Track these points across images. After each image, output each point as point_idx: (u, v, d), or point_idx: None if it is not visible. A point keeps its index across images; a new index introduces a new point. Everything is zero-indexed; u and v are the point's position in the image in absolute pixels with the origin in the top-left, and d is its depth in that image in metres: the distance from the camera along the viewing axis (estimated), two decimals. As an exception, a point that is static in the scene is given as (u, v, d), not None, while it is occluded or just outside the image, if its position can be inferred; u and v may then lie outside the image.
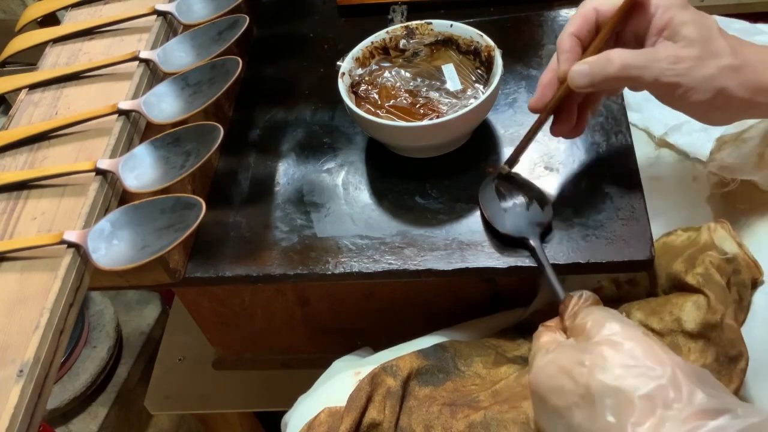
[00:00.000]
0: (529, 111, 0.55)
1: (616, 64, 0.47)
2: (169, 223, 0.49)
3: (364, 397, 0.52)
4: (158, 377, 0.88)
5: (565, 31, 0.51)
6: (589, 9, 0.50)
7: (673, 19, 0.46)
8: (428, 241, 0.58)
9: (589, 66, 0.49)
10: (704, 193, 0.66)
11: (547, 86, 0.53)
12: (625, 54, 0.48)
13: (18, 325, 0.44)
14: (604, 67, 0.48)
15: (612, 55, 0.48)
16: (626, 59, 0.47)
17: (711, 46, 0.46)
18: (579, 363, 0.39)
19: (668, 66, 0.46)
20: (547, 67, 0.54)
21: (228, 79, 0.56)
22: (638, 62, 0.47)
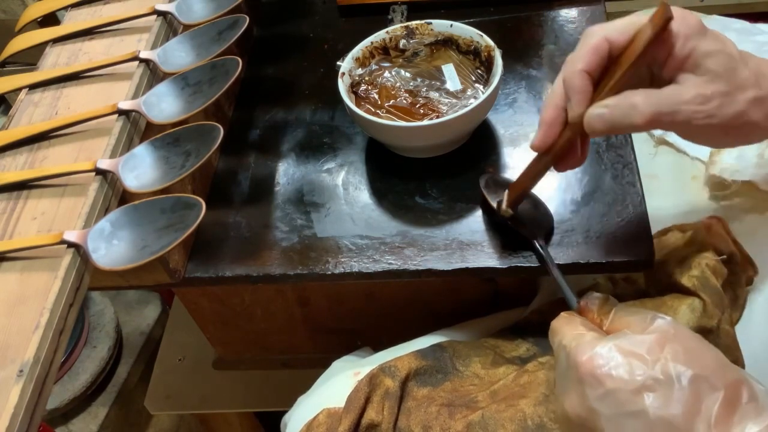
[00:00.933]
0: (533, 150, 0.50)
1: (644, 112, 0.42)
2: (169, 223, 0.49)
3: (362, 398, 0.52)
4: (158, 377, 0.88)
5: (573, 67, 0.45)
6: (600, 40, 0.44)
7: (695, 50, 0.42)
8: (428, 241, 0.58)
9: (609, 111, 0.44)
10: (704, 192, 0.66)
11: (552, 125, 0.47)
12: (650, 99, 0.43)
13: (18, 325, 0.44)
14: (629, 115, 0.43)
15: (636, 101, 0.43)
16: (655, 105, 0.42)
17: (737, 78, 0.42)
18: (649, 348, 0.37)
19: (697, 108, 0.42)
20: (548, 103, 0.48)
21: (228, 79, 0.56)
22: (666, 108, 0.42)
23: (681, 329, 0.39)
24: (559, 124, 0.47)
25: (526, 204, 0.56)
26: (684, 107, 0.42)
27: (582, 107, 0.45)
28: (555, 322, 0.43)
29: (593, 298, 0.44)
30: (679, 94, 0.43)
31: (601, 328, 0.42)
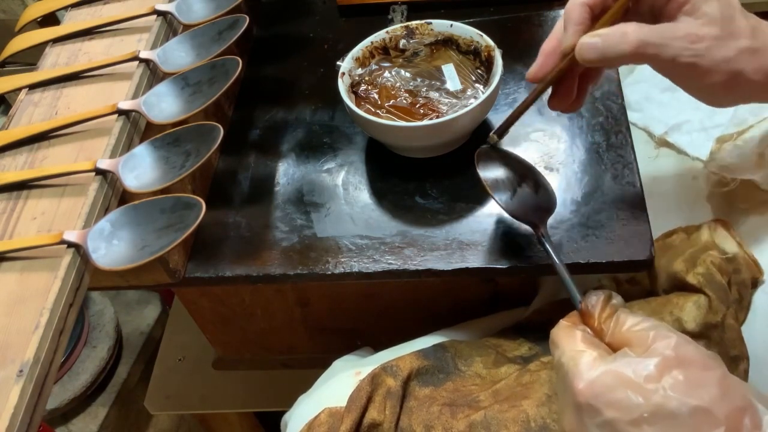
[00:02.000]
0: (528, 80, 0.51)
1: (631, 40, 0.43)
2: (169, 223, 0.49)
3: (364, 398, 0.52)
4: (158, 377, 0.88)
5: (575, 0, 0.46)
6: None
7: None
8: (428, 241, 0.58)
9: (601, 39, 0.44)
10: (704, 192, 0.66)
11: (550, 55, 0.49)
12: (642, 29, 0.43)
13: (18, 325, 0.44)
14: (618, 43, 0.44)
15: (627, 30, 0.44)
16: (643, 35, 0.43)
17: (731, 26, 0.43)
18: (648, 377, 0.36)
19: (687, 45, 0.43)
20: (551, 34, 0.50)
21: (228, 79, 0.56)
22: (656, 39, 0.43)
23: (683, 349, 0.37)
24: (557, 55, 0.49)
25: (528, 189, 0.54)
26: (673, 42, 0.43)
27: (575, 37, 0.46)
28: (554, 333, 0.42)
29: (594, 300, 0.42)
30: (671, 29, 0.43)
31: (602, 337, 0.41)
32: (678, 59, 0.43)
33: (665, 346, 0.37)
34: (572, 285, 0.45)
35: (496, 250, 0.56)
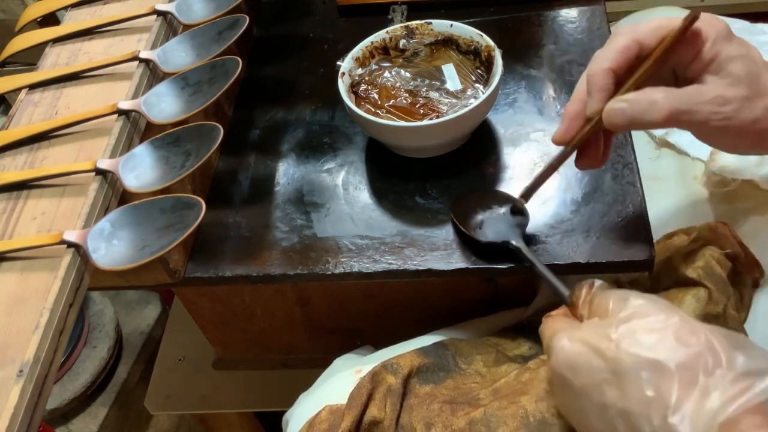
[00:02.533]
0: (554, 143, 0.50)
1: (662, 108, 0.42)
2: (169, 223, 0.49)
3: (364, 395, 0.52)
4: (158, 377, 0.88)
5: (599, 64, 0.45)
6: (630, 41, 0.44)
7: (720, 54, 0.43)
8: (428, 241, 0.58)
9: (629, 105, 0.44)
10: (704, 193, 0.66)
11: (574, 119, 0.48)
12: (671, 96, 0.43)
13: (18, 325, 0.44)
14: (648, 111, 0.43)
15: (657, 97, 0.43)
16: (674, 103, 0.42)
17: (758, 84, 0.43)
18: (606, 337, 0.38)
19: (716, 109, 0.42)
20: (573, 98, 0.48)
21: (228, 79, 0.56)
22: (686, 106, 0.42)
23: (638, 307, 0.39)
24: (582, 119, 0.48)
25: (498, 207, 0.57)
26: (703, 107, 0.42)
27: (600, 104, 0.45)
28: (541, 327, 0.45)
29: (579, 286, 0.44)
30: (699, 93, 0.43)
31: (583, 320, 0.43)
32: (708, 124, 0.43)
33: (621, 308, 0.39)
34: (558, 284, 0.47)
35: (496, 250, 0.56)
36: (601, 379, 0.37)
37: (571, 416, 0.42)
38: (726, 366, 0.35)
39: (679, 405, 0.34)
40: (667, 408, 0.34)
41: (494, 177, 0.62)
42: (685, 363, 0.35)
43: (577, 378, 0.39)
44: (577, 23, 0.74)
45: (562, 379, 0.40)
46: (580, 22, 0.74)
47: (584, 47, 0.71)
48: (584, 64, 0.69)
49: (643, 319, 0.38)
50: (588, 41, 0.72)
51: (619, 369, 0.36)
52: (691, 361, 0.35)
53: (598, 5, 0.75)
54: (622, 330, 0.37)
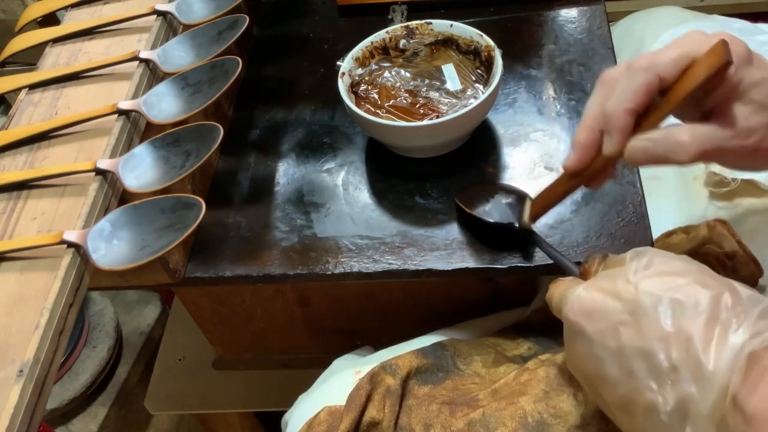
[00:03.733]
0: (564, 170, 0.48)
1: (690, 150, 0.41)
2: (169, 223, 0.49)
3: (363, 396, 0.53)
4: (158, 377, 0.88)
5: (620, 104, 0.42)
6: (653, 78, 0.42)
7: (743, 80, 0.41)
8: (428, 241, 0.58)
9: (653, 145, 0.42)
10: (704, 193, 0.66)
11: (587, 148, 0.45)
12: (697, 136, 0.41)
13: (18, 325, 0.44)
14: (674, 152, 0.41)
15: (683, 139, 0.41)
16: (701, 143, 0.41)
17: None
18: (624, 280, 0.37)
19: (742, 142, 0.41)
20: (584, 124, 0.45)
21: (228, 79, 0.56)
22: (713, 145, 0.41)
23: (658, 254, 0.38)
24: (594, 148, 0.45)
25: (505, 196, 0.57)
26: (729, 142, 0.41)
27: (620, 145, 0.43)
28: (548, 293, 0.44)
29: (590, 258, 0.44)
30: (725, 130, 0.41)
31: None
32: (734, 156, 0.42)
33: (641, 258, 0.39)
34: (566, 261, 0.48)
35: (496, 250, 0.56)
36: (617, 321, 0.37)
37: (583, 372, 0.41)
38: (747, 303, 0.34)
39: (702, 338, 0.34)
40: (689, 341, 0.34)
41: (494, 177, 0.62)
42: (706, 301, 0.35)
43: (591, 324, 0.38)
44: (577, 23, 0.74)
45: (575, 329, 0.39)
46: (580, 22, 0.74)
47: (584, 47, 0.71)
48: (584, 65, 0.69)
49: (662, 265, 0.37)
50: (588, 41, 0.72)
51: (638, 309, 0.36)
52: (711, 299, 0.35)
53: (598, 5, 0.75)
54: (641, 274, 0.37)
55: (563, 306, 0.41)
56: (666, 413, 0.35)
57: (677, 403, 0.34)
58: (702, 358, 0.33)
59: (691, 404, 0.34)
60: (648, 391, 0.35)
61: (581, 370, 0.41)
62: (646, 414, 0.36)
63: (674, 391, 0.34)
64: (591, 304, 0.39)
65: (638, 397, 0.36)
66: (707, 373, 0.33)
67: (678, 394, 0.34)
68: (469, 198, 0.58)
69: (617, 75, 0.43)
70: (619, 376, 0.37)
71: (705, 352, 0.34)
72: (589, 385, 0.41)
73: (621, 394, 0.37)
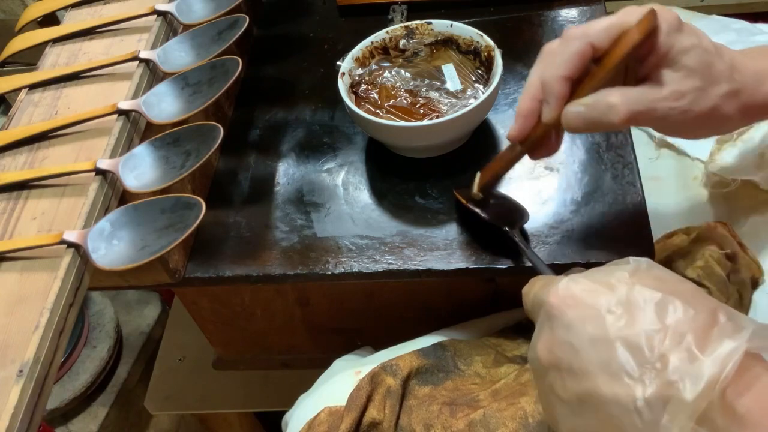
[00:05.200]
0: (508, 140, 0.50)
1: (621, 111, 0.43)
2: (169, 223, 0.49)
3: (364, 397, 0.53)
4: (158, 377, 0.88)
5: (555, 71, 0.45)
6: (585, 46, 0.44)
7: (673, 47, 0.43)
8: (428, 241, 0.58)
9: (586, 109, 0.44)
10: (704, 193, 0.66)
11: (528, 116, 0.48)
12: (628, 98, 0.43)
13: (18, 325, 0.44)
14: (606, 114, 0.43)
15: (613, 100, 0.43)
16: (632, 104, 0.43)
17: (711, 73, 0.43)
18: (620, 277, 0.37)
19: (673, 104, 0.43)
20: (525, 95, 0.48)
21: (228, 79, 0.56)
22: (643, 106, 0.43)
23: (655, 265, 0.38)
24: (535, 116, 0.48)
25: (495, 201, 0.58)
26: (660, 104, 0.43)
27: (557, 111, 0.45)
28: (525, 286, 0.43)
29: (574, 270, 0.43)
30: (655, 91, 0.43)
31: None
32: (666, 119, 0.43)
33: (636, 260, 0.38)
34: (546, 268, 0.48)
35: (496, 250, 0.56)
36: (604, 309, 0.36)
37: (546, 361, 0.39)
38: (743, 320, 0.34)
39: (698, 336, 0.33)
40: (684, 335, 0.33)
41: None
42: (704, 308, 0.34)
43: (574, 310, 0.37)
44: (577, 23, 0.74)
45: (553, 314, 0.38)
46: (580, 22, 0.74)
47: (584, 47, 0.71)
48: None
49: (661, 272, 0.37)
50: (588, 41, 0.72)
51: (632, 303, 0.35)
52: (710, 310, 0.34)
53: (598, 5, 0.75)
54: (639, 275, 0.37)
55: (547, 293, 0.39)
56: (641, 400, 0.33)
57: (659, 389, 0.33)
58: (695, 350, 0.33)
59: (675, 392, 0.32)
60: (620, 381, 0.34)
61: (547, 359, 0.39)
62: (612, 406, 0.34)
63: (658, 378, 0.33)
64: (580, 291, 0.38)
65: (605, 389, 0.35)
66: (699, 361, 0.32)
67: (662, 380, 0.33)
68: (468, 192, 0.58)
69: (554, 46, 0.46)
70: (590, 365, 0.36)
71: (699, 345, 0.33)
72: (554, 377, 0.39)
73: (584, 387, 0.36)
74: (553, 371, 0.38)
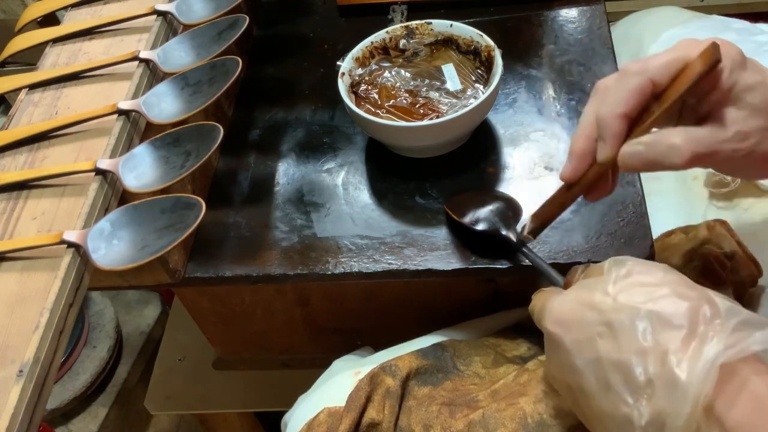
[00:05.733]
0: (562, 180, 0.48)
1: (684, 153, 0.40)
2: (169, 223, 0.49)
3: (363, 397, 0.52)
4: (158, 377, 0.88)
5: (612, 109, 0.42)
6: (645, 82, 0.41)
7: (736, 84, 0.41)
8: (428, 241, 0.58)
9: (646, 150, 0.41)
10: (704, 193, 0.66)
11: (583, 157, 0.45)
12: (691, 139, 0.40)
13: (18, 325, 0.44)
14: (668, 155, 0.41)
15: (676, 142, 0.40)
16: (695, 146, 0.40)
17: None
18: (602, 292, 0.37)
19: (737, 146, 0.40)
20: (579, 133, 0.45)
21: (228, 79, 0.56)
22: (707, 148, 0.40)
23: (637, 263, 0.38)
24: (591, 156, 0.45)
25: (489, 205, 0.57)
26: (724, 146, 0.40)
27: (614, 150, 0.43)
28: (530, 304, 0.44)
29: (572, 270, 0.44)
30: (719, 132, 0.41)
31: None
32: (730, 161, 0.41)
33: (619, 268, 0.38)
34: (551, 271, 0.48)
35: (496, 250, 0.56)
36: (594, 332, 0.37)
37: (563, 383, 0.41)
38: (725, 316, 0.34)
39: (678, 351, 0.34)
40: (665, 354, 0.34)
41: (494, 177, 0.62)
42: (684, 313, 0.35)
43: (568, 334, 0.38)
44: (577, 23, 0.74)
45: (554, 339, 0.39)
46: (580, 22, 0.74)
47: (584, 47, 0.71)
48: (584, 65, 0.69)
49: (641, 275, 0.37)
50: (588, 41, 0.72)
51: (615, 321, 0.36)
52: (689, 312, 0.35)
53: (598, 5, 0.75)
54: (619, 285, 0.37)
55: (543, 317, 0.41)
56: (641, 428, 0.34)
57: (652, 417, 0.34)
58: (676, 371, 0.33)
59: (667, 418, 0.33)
60: (624, 404, 0.35)
61: (561, 381, 0.41)
62: (622, 428, 0.36)
63: (650, 405, 0.34)
64: (569, 314, 0.38)
65: (614, 411, 0.36)
66: (681, 384, 0.33)
67: (654, 408, 0.34)
68: (458, 205, 0.58)
69: (610, 82, 0.43)
70: (597, 388, 0.37)
71: (680, 365, 0.33)
72: (569, 396, 0.41)
73: (598, 406, 0.37)
74: (568, 391, 0.40)
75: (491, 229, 0.55)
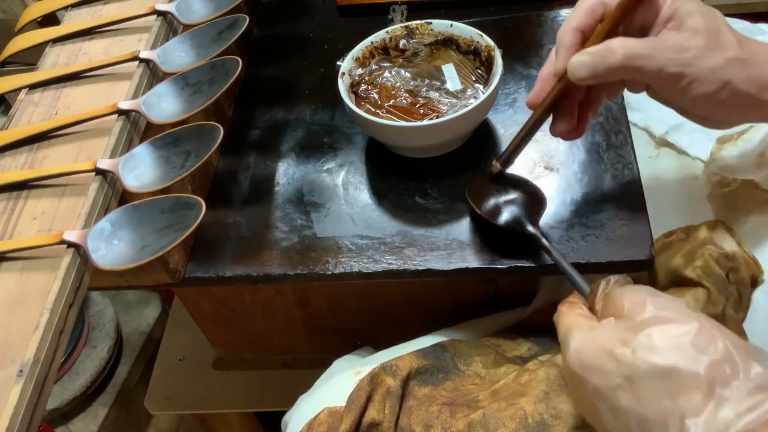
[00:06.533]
0: (528, 107, 0.52)
1: (618, 53, 0.44)
2: (169, 223, 0.49)
3: (363, 397, 0.53)
4: (158, 377, 0.88)
5: (567, 24, 0.48)
6: (596, 2, 0.47)
7: (679, 9, 0.44)
8: (428, 241, 0.58)
9: (590, 56, 0.46)
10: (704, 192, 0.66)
11: (546, 80, 0.51)
12: (628, 42, 0.44)
13: (18, 325, 0.44)
14: (606, 57, 0.45)
15: (614, 45, 0.45)
16: (630, 48, 0.44)
17: (718, 38, 0.43)
18: (621, 342, 0.37)
19: (674, 55, 0.43)
20: (547, 60, 0.51)
21: (228, 79, 0.56)
22: (642, 51, 0.44)
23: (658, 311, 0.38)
24: (553, 80, 0.50)
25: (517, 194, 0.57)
26: (660, 53, 0.44)
27: (566, 60, 0.47)
28: (556, 315, 0.44)
29: (595, 285, 0.44)
30: (658, 41, 0.44)
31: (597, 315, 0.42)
32: (665, 69, 0.43)
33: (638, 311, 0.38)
34: (577, 278, 0.47)
35: (496, 250, 0.56)
36: (615, 384, 0.37)
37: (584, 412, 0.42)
38: (743, 377, 0.34)
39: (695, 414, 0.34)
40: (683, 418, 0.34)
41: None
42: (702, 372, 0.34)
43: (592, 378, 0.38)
44: (577, 23, 0.74)
45: (576, 378, 0.40)
46: (580, 22, 0.74)
47: (584, 47, 0.71)
48: (584, 64, 0.69)
49: (661, 325, 0.37)
50: (588, 41, 0.72)
51: (635, 375, 0.36)
52: (707, 370, 0.34)
53: (598, 5, 0.75)
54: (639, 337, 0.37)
55: (564, 352, 0.41)
56: None
57: None
58: None
59: None
60: None
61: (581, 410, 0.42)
62: None
63: None
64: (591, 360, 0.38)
65: None
66: None
67: None
68: (478, 192, 0.57)
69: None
70: (618, 428, 0.37)
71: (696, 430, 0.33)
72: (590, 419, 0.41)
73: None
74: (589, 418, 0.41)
75: (512, 221, 0.54)
